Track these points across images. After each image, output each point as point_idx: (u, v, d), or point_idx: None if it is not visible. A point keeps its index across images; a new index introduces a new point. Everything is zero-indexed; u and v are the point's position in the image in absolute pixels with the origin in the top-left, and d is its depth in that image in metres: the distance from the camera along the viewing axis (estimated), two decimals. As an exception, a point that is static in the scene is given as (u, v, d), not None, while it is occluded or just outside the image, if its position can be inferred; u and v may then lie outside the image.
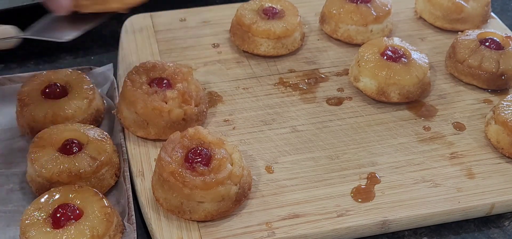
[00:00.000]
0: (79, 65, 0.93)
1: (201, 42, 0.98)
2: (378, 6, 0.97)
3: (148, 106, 0.77)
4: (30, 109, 0.79)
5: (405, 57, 0.87)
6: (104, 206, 0.67)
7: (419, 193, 0.74)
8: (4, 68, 0.95)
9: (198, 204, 0.69)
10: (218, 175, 0.69)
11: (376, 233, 0.72)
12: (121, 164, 0.76)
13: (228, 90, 0.89)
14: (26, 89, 0.81)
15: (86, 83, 0.82)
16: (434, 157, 0.79)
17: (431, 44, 0.99)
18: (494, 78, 0.89)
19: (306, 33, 1.00)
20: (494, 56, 0.89)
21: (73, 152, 0.73)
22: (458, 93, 0.90)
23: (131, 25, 1.00)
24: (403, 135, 0.83)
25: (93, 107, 0.81)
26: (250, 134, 0.82)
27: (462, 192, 0.75)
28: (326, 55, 0.96)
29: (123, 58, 0.94)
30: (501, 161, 0.79)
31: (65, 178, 0.71)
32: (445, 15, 1.00)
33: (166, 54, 0.95)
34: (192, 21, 1.02)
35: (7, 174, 0.77)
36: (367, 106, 0.87)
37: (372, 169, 0.77)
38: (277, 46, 0.93)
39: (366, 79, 0.87)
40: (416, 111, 0.87)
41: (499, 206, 0.75)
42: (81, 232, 0.64)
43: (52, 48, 1.00)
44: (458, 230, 0.74)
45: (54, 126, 0.77)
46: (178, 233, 0.69)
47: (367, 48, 0.89)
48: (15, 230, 0.70)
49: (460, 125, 0.84)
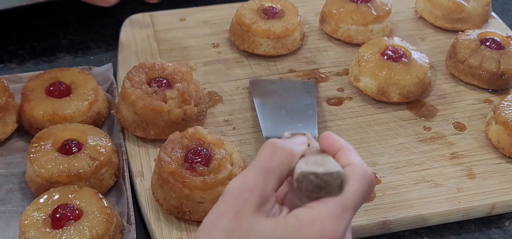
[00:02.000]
0: (78, 65, 0.92)
1: (201, 42, 0.98)
2: (378, 5, 0.97)
3: (148, 106, 0.77)
4: (31, 105, 0.79)
5: (405, 57, 0.87)
6: (103, 206, 0.67)
7: (419, 193, 0.74)
8: (3, 68, 0.95)
9: (197, 204, 0.69)
10: (218, 175, 0.68)
11: (376, 233, 0.72)
12: (120, 164, 0.76)
13: (228, 90, 0.89)
14: (31, 85, 0.81)
15: (90, 84, 0.82)
16: (435, 157, 0.79)
17: (432, 44, 0.99)
18: (494, 78, 0.88)
19: (306, 33, 1.00)
20: (495, 56, 0.89)
21: (73, 152, 0.73)
22: (458, 93, 0.90)
23: (130, 25, 1.00)
24: (403, 135, 0.83)
25: (93, 110, 0.80)
26: (250, 134, 0.82)
27: (462, 192, 0.75)
28: (326, 55, 0.96)
29: (123, 58, 0.93)
30: (502, 161, 0.79)
31: (65, 178, 0.71)
32: (446, 14, 1.00)
33: (166, 54, 0.95)
34: (192, 21, 1.02)
35: (6, 174, 0.76)
36: (367, 106, 0.87)
37: (373, 169, 0.77)
38: (277, 46, 0.93)
39: (366, 79, 0.86)
40: (417, 111, 0.86)
41: (499, 206, 0.74)
42: (81, 233, 0.64)
43: (51, 47, 0.99)
44: (459, 231, 0.74)
45: (53, 126, 0.76)
46: (178, 233, 0.69)
47: (367, 48, 0.89)
48: (14, 230, 0.69)
49: (461, 125, 0.84)
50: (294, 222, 0.50)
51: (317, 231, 0.49)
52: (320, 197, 0.52)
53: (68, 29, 1.03)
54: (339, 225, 0.50)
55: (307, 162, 0.53)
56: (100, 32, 1.03)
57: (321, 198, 0.51)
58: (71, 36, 1.02)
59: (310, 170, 0.52)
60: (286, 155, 0.53)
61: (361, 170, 0.53)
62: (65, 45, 1.01)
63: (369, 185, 0.53)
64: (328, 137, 0.56)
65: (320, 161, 0.54)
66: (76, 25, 1.04)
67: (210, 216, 0.51)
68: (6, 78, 0.84)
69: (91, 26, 1.04)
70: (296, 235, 0.49)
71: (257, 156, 0.53)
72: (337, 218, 0.50)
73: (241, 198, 0.50)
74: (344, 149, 0.55)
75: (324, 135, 0.57)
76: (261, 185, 0.51)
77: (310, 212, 0.50)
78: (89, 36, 1.03)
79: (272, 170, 0.52)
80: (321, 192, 0.52)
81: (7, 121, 0.80)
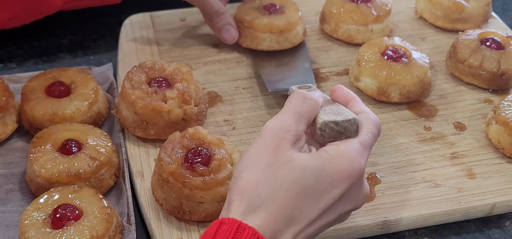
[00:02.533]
0: (78, 65, 0.92)
1: (201, 42, 0.98)
2: (379, 6, 0.97)
3: (148, 106, 0.77)
4: (31, 105, 0.79)
5: (405, 57, 0.87)
6: (103, 207, 0.67)
7: (419, 193, 0.74)
8: (3, 68, 0.95)
9: (198, 204, 0.69)
10: (218, 175, 0.68)
11: (376, 233, 0.72)
12: (120, 164, 0.76)
13: (228, 90, 0.89)
14: (31, 85, 0.81)
15: (90, 84, 0.82)
16: (435, 157, 0.79)
17: (432, 44, 0.99)
18: (495, 78, 0.88)
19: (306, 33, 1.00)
20: (495, 56, 0.88)
21: (73, 152, 0.73)
22: (458, 93, 0.90)
23: (130, 25, 0.99)
24: (403, 135, 0.82)
25: (93, 110, 0.80)
26: (250, 134, 0.82)
27: (462, 192, 0.75)
28: (326, 55, 0.96)
29: (123, 58, 0.93)
30: (502, 161, 0.79)
31: (65, 178, 0.71)
32: (446, 14, 1.00)
33: (166, 54, 0.94)
34: (192, 21, 1.02)
35: (6, 174, 0.76)
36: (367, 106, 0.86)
37: (373, 169, 0.77)
38: (280, 40, 0.93)
39: (367, 79, 0.86)
40: (417, 111, 0.86)
41: (500, 206, 0.74)
42: (81, 233, 0.64)
43: (51, 47, 0.99)
44: (459, 231, 0.74)
45: (53, 126, 0.76)
46: (178, 233, 0.69)
47: (367, 48, 0.89)
48: (14, 230, 0.69)
49: (461, 125, 0.84)
50: (325, 156, 0.58)
51: (345, 162, 0.58)
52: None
53: (68, 29, 1.03)
54: (362, 159, 0.59)
55: (325, 112, 0.62)
56: (100, 32, 1.03)
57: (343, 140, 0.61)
58: (71, 36, 1.02)
59: (330, 119, 0.61)
60: (313, 103, 0.61)
61: (372, 116, 0.63)
62: (65, 45, 1.01)
63: (378, 128, 0.63)
64: (340, 89, 0.66)
65: (336, 110, 0.63)
66: (76, 25, 1.04)
67: (250, 153, 0.58)
68: (6, 78, 0.84)
69: (91, 26, 1.04)
70: (329, 166, 0.57)
71: (287, 103, 0.61)
72: (360, 153, 0.59)
73: (278, 135, 0.58)
74: (354, 100, 0.65)
75: (336, 88, 0.66)
76: (295, 126, 0.59)
77: (338, 148, 0.59)
78: (89, 36, 1.03)
79: (302, 114, 0.60)
80: (342, 137, 0.61)
81: (7, 120, 0.80)
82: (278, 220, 0.55)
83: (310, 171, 0.56)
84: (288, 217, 0.56)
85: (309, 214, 0.57)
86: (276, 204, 0.55)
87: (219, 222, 0.55)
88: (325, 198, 0.57)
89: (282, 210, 0.55)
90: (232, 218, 0.55)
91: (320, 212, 0.57)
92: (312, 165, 0.57)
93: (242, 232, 0.53)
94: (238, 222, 0.54)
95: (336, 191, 0.57)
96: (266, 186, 0.56)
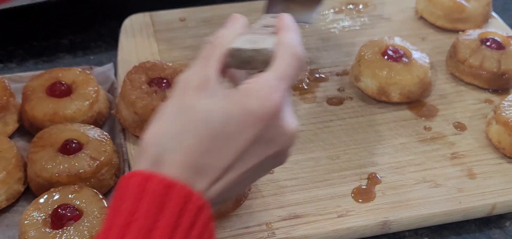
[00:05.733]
0: (78, 65, 0.92)
1: (201, 42, 0.97)
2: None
3: (148, 106, 0.77)
4: (31, 105, 0.79)
5: (406, 57, 0.87)
6: (103, 207, 0.67)
7: (420, 193, 0.74)
8: (3, 68, 0.95)
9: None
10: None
11: (376, 233, 0.72)
12: (121, 164, 0.76)
13: (228, 90, 0.88)
14: (32, 85, 0.81)
15: (91, 84, 0.82)
16: (435, 157, 0.79)
17: (432, 44, 0.99)
18: (495, 78, 0.88)
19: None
20: (495, 56, 0.88)
21: (73, 152, 0.73)
22: (459, 93, 0.90)
23: (130, 25, 0.99)
24: (404, 135, 0.82)
25: (94, 110, 0.80)
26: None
27: (463, 192, 0.75)
28: (326, 55, 0.96)
29: (123, 57, 0.93)
30: (502, 161, 0.79)
31: (65, 178, 0.71)
32: (446, 14, 1.00)
33: (166, 54, 0.94)
34: (192, 20, 1.01)
35: (7, 174, 0.76)
36: (367, 106, 0.87)
37: (373, 169, 0.77)
38: None
39: (367, 79, 0.86)
40: (417, 111, 0.86)
41: (500, 206, 0.74)
42: (81, 233, 0.64)
43: (51, 47, 0.99)
44: (459, 231, 0.74)
45: (54, 126, 0.76)
46: (178, 233, 0.69)
47: (367, 47, 0.89)
48: (14, 230, 0.69)
49: (461, 125, 0.84)
50: (233, 96, 0.54)
51: (255, 101, 0.53)
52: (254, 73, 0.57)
53: (68, 29, 1.03)
54: (275, 94, 0.54)
55: (244, 40, 0.58)
56: (100, 32, 1.03)
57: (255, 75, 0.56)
58: (71, 36, 1.02)
59: (238, 46, 0.57)
60: (215, 43, 0.59)
61: (289, 47, 0.57)
62: (65, 45, 1.01)
63: (297, 58, 0.57)
64: (280, 17, 0.61)
65: (255, 39, 0.59)
66: (76, 25, 1.04)
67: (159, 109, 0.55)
68: (6, 78, 0.84)
69: (91, 26, 1.04)
70: (236, 107, 0.53)
71: None
72: (272, 87, 0.54)
73: (182, 84, 0.55)
74: (283, 30, 0.59)
75: (280, 15, 0.62)
76: (198, 70, 0.56)
77: (247, 87, 0.54)
78: (89, 36, 1.03)
79: (207, 57, 0.57)
80: (247, 66, 0.58)
81: (8, 120, 0.80)
82: (186, 167, 0.51)
83: (216, 113, 0.52)
84: (197, 163, 0.52)
85: (221, 160, 0.53)
86: (182, 150, 0.52)
87: (128, 176, 0.52)
88: (237, 142, 0.53)
89: (189, 155, 0.52)
90: (139, 170, 0.52)
91: (235, 157, 0.53)
92: (217, 107, 0.53)
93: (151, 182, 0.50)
94: (146, 174, 0.51)
95: (248, 133, 0.53)
96: (170, 134, 0.52)
